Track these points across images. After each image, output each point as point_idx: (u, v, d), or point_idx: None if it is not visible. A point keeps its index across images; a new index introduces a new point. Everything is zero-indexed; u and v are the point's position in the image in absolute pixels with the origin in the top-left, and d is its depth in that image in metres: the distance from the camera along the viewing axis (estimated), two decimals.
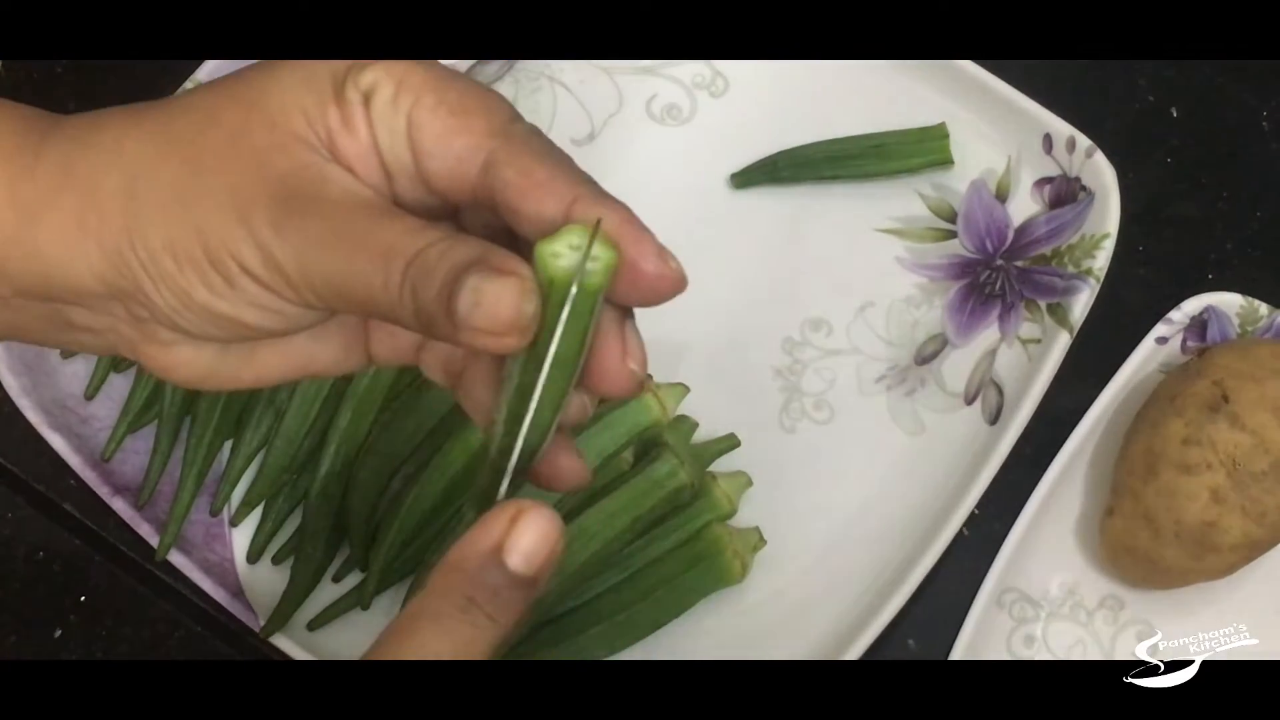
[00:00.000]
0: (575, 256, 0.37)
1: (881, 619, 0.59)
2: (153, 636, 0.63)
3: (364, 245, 0.37)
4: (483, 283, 0.35)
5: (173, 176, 0.38)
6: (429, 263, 0.36)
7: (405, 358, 0.43)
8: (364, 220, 0.37)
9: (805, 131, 0.70)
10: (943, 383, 0.66)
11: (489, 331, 0.36)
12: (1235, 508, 0.57)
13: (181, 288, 0.38)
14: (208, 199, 0.38)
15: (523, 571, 0.39)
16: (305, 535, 0.63)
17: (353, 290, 0.37)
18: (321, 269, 0.37)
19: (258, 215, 0.37)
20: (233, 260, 0.37)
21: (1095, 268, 0.64)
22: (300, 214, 0.37)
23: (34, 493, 0.65)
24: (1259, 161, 0.71)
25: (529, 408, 0.38)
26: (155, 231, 0.38)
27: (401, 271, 0.36)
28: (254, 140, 0.38)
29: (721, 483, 0.62)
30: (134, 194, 0.38)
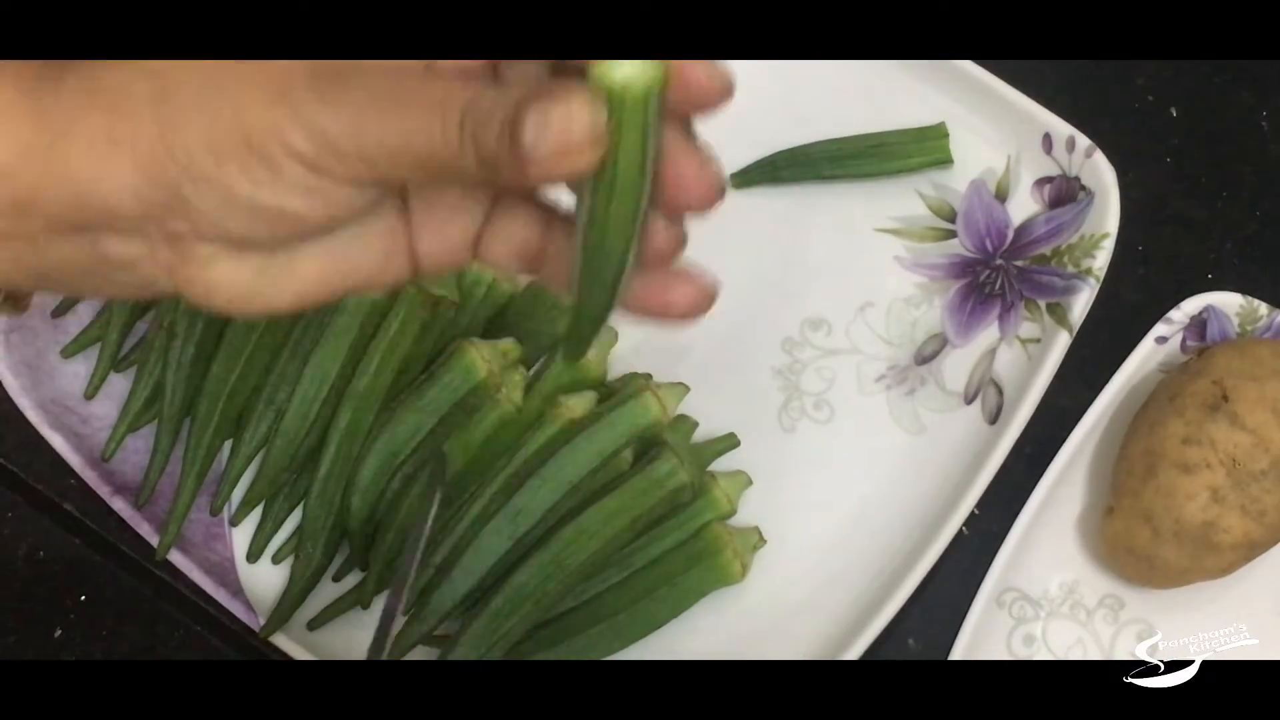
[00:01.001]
0: (627, 67, 0.38)
1: (881, 618, 0.59)
2: (153, 636, 0.63)
3: (415, 101, 0.37)
4: (546, 109, 0.36)
5: (203, 71, 0.37)
6: (485, 104, 0.36)
7: (457, 254, 0.41)
8: (409, 79, 0.37)
9: (805, 131, 0.70)
10: (942, 382, 0.66)
11: (561, 153, 0.36)
12: (1235, 507, 0.57)
13: (225, 185, 0.37)
14: (242, 85, 0.37)
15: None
16: (305, 535, 0.63)
17: (409, 148, 0.36)
18: (375, 133, 0.36)
19: (298, 90, 0.36)
20: (278, 143, 0.36)
21: (1095, 267, 0.64)
22: (343, 82, 0.37)
23: (34, 492, 0.65)
24: (1258, 161, 0.71)
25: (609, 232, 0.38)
26: (192, 129, 0.37)
27: (458, 120, 0.36)
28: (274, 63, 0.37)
29: (721, 482, 0.62)
30: (165, 95, 0.37)
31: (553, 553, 0.60)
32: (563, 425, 0.62)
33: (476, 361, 0.61)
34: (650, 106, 0.38)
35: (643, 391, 0.62)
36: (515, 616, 0.60)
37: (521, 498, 0.61)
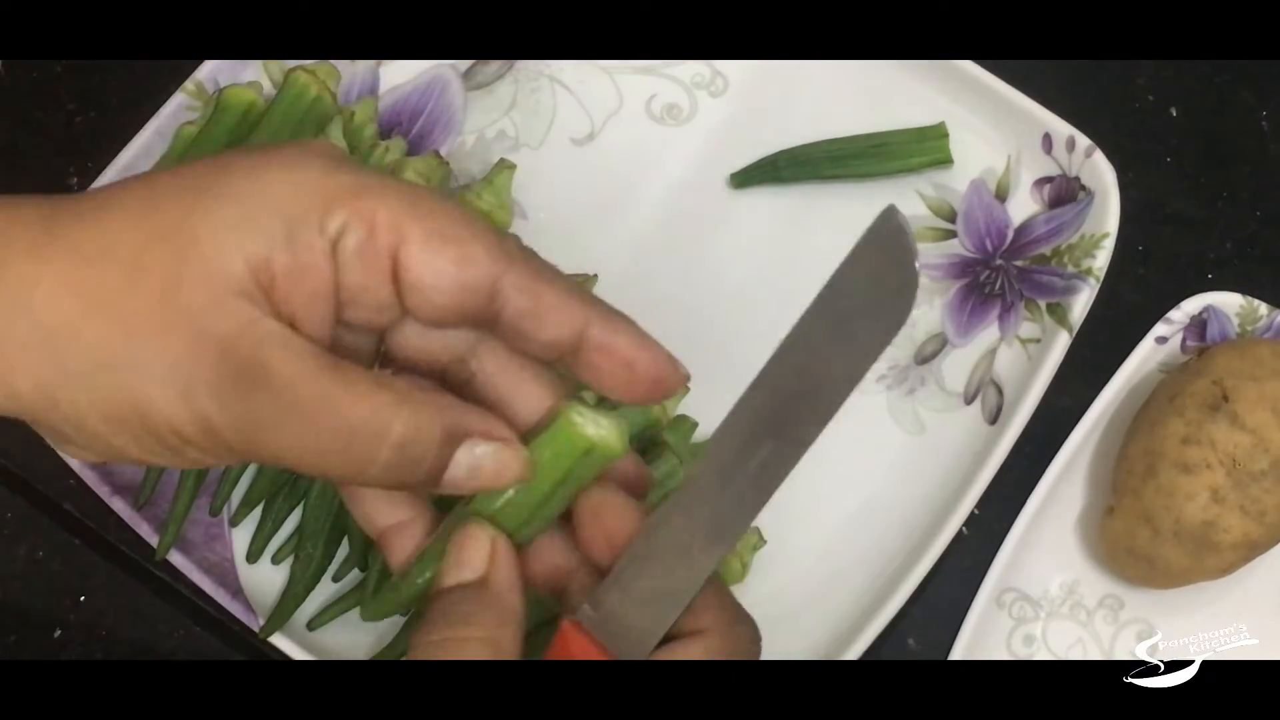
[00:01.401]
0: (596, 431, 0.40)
1: (881, 618, 0.59)
2: (152, 636, 0.63)
3: (323, 424, 0.35)
4: (479, 453, 0.37)
5: (98, 340, 0.35)
6: (415, 447, 0.36)
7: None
8: (316, 390, 0.35)
9: (805, 131, 0.70)
10: (942, 382, 0.66)
11: (483, 489, 0.39)
12: (1235, 507, 0.57)
13: (112, 445, 0.36)
14: (143, 370, 0.35)
15: (468, 578, 0.39)
16: (305, 535, 0.62)
17: (314, 465, 0.36)
18: (276, 446, 0.35)
19: (200, 391, 0.35)
20: (173, 432, 0.35)
21: (1095, 267, 0.64)
22: (247, 389, 0.35)
23: (34, 493, 0.65)
24: (1258, 161, 0.71)
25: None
26: (82, 395, 0.35)
27: (373, 449, 0.36)
28: (188, 299, 0.35)
29: None
30: (54, 353, 0.35)
31: None
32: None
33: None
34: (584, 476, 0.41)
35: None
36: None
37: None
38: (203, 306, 0.35)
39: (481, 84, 0.71)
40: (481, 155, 0.70)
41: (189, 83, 0.67)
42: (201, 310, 0.35)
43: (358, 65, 0.70)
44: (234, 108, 0.66)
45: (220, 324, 0.35)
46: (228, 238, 0.35)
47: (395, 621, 0.62)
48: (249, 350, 0.35)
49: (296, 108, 0.65)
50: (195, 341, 0.35)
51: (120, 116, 0.69)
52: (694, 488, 0.39)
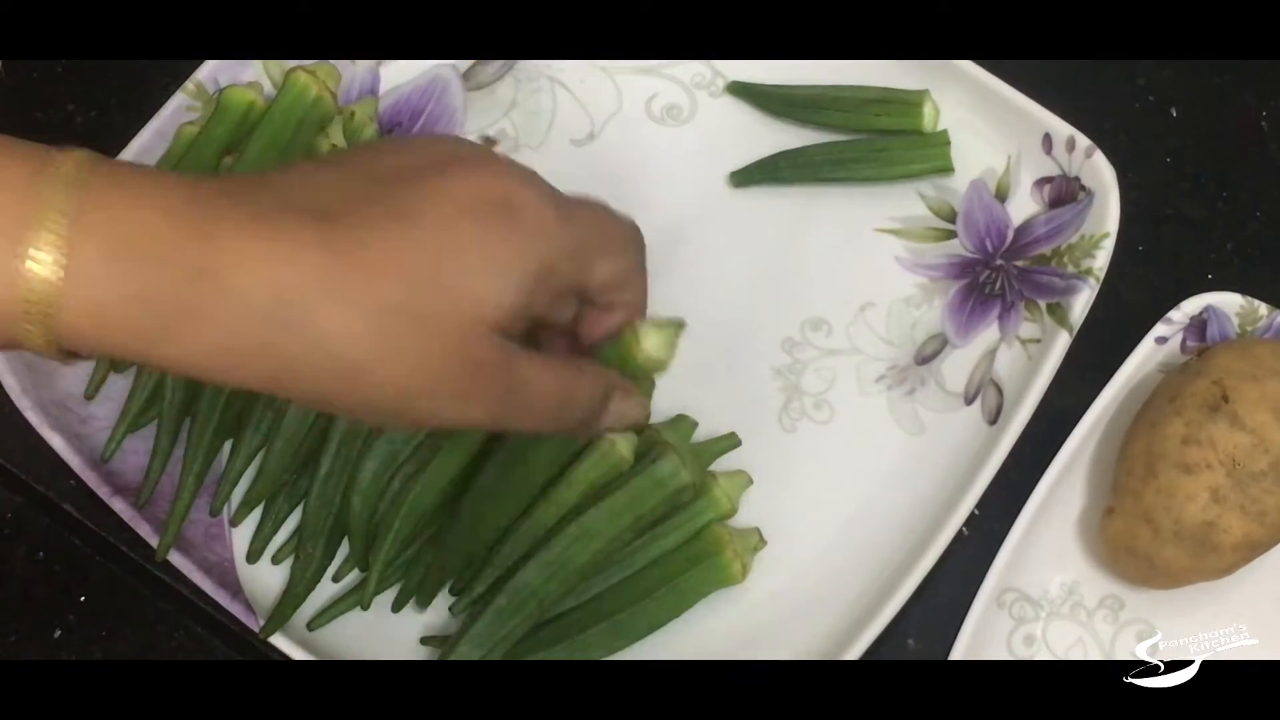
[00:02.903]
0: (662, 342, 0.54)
1: (881, 618, 0.59)
2: (152, 637, 0.63)
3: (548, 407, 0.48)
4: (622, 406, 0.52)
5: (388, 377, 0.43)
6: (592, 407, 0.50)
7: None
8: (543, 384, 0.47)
9: (805, 132, 0.70)
10: (943, 382, 0.66)
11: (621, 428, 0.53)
12: (1235, 507, 0.57)
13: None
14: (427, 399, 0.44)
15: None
16: (305, 535, 0.63)
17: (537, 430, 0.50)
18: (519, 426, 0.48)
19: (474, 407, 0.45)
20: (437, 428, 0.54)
21: (1095, 267, 0.64)
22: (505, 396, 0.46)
23: (34, 493, 0.65)
24: (1259, 161, 0.71)
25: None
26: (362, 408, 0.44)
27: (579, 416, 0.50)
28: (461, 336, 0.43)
29: (722, 482, 0.62)
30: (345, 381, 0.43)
31: (555, 552, 0.60)
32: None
33: None
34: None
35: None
36: (517, 616, 0.60)
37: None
38: (479, 347, 0.44)
39: (481, 84, 0.71)
40: None
41: (189, 83, 0.67)
42: (479, 350, 0.44)
43: (358, 65, 0.70)
44: (234, 108, 0.66)
45: (489, 358, 0.44)
46: (500, 303, 0.44)
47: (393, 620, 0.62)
48: (504, 370, 0.45)
49: (297, 108, 0.65)
50: (474, 372, 0.44)
51: (120, 116, 0.69)
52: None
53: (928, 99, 0.68)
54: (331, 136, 0.66)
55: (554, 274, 0.46)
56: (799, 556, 0.63)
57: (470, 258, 0.43)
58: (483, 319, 0.43)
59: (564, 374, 0.48)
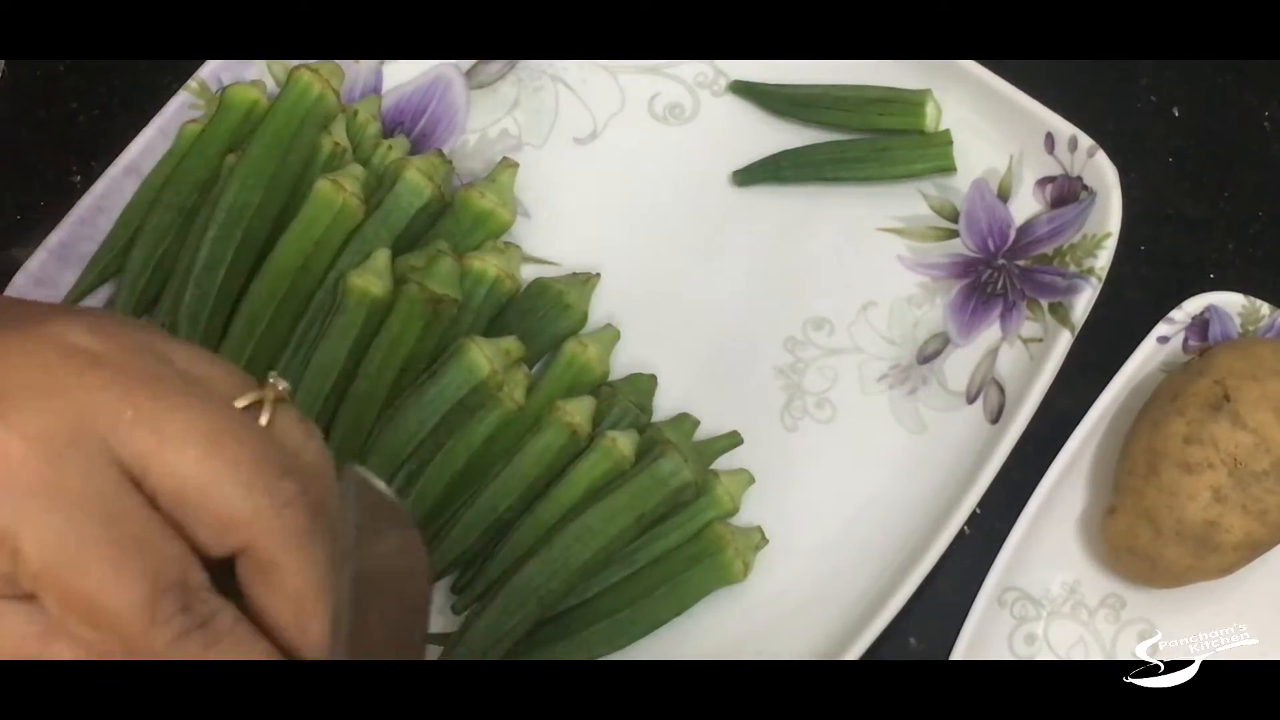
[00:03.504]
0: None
1: (883, 618, 0.59)
2: None
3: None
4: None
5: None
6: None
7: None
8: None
9: (807, 131, 0.70)
10: (944, 382, 0.66)
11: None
12: (1237, 507, 0.57)
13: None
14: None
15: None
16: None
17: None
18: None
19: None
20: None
21: (1097, 267, 0.64)
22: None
23: None
24: (1260, 161, 0.71)
25: None
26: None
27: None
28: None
29: (724, 480, 0.62)
30: None
31: (557, 550, 0.60)
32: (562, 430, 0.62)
33: (479, 360, 0.61)
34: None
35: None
36: (518, 615, 0.60)
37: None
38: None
39: (484, 83, 0.71)
40: (484, 154, 0.70)
41: (192, 81, 0.67)
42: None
43: (360, 64, 0.70)
44: (237, 107, 0.66)
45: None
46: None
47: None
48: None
49: (299, 106, 0.65)
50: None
51: (123, 115, 0.69)
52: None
53: (930, 98, 0.68)
54: (334, 135, 0.66)
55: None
56: (800, 555, 0.63)
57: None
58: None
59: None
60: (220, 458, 0.36)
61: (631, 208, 0.69)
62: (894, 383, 0.66)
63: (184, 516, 0.37)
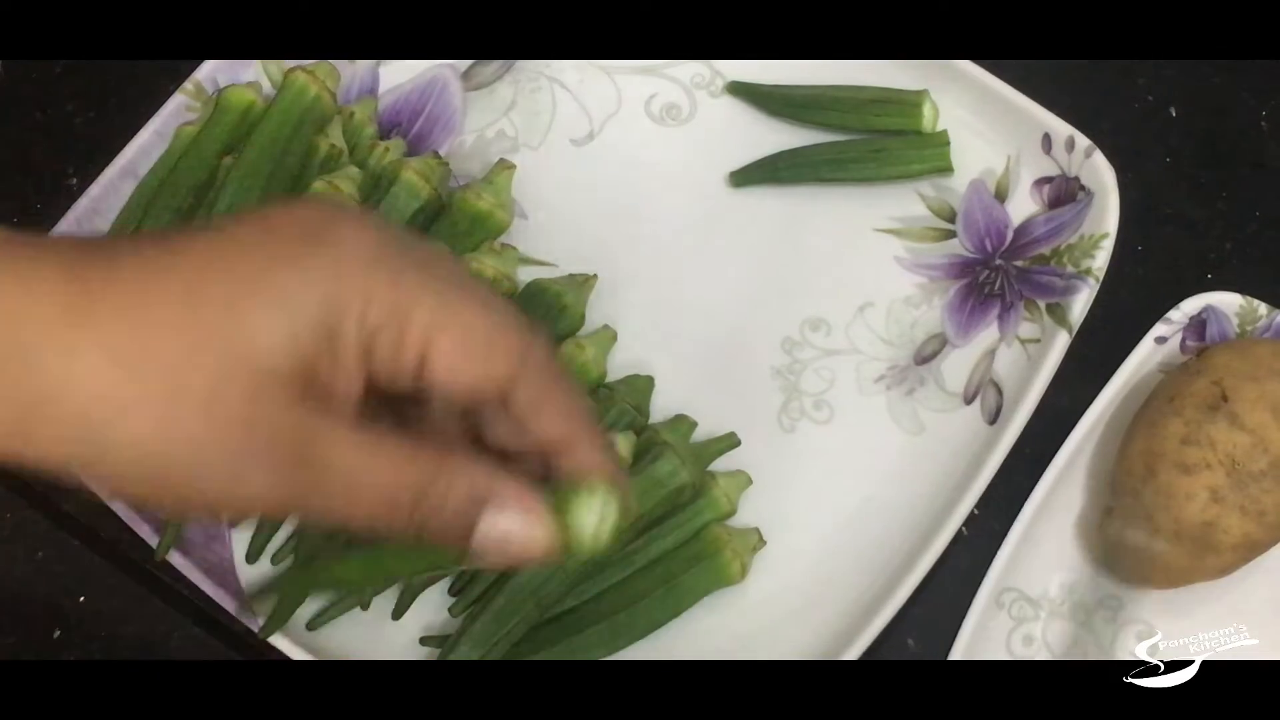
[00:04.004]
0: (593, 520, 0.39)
1: (881, 619, 0.59)
2: (152, 637, 0.63)
3: (359, 492, 0.37)
4: (500, 519, 0.38)
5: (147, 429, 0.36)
6: (438, 492, 0.38)
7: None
8: (353, 463, 0.37)
9: (804, 131, 0.70)
10: (942, 382, 0.66)
11: (510, 558, 0.38)
12: (1234, 507, 0.57)
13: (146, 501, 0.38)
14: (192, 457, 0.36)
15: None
16: (304, 536, 0.62)
17: (353, 526, 0.38)
18: (320, 512, 0.37)
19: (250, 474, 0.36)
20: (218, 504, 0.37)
21: (1094, 267, 0.64)
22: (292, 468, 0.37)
23: (33, 493, 0.65)
24: (1258, 161, 0.71)
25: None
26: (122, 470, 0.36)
27: (409, 505, 0.37)
28: (238, 390, 0.36)
29: (721, 482, 0.62)
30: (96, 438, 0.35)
31: None
32: None
33: None
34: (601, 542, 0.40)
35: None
36: (516, 616, 0.60)
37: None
38: (251, 397, 0.36)
39: (481, 84, 0.71)
40: (481, 155, 0.70)
41: (188, 83, 0.67)
42: (250, 400, 0.36)
43: (357, 65, 0.70)
44: (233, 108, 0.66)
45: (267, 414, 0.36)
46: (276, 340, 0.36)
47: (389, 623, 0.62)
48: (293, 434, 0.36)
49: (296, 108, 0.65)
50: (245, 430, 0.36)
51: (120, 116, 0.69)
52: None
53: (927, 99, 0.68)
54: (330, 136, 0.66)
55: (357, 321, 0.37)
56: (798, 556, 0.63)
57: (240, 285, 0.36)
58: (253, 363, 0.35)
59: (400, 462, 0.38)
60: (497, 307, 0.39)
61: (628, 209, 0.69)
62: (892, 383, 0.66)
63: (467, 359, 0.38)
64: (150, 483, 0.36)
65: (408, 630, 0.62)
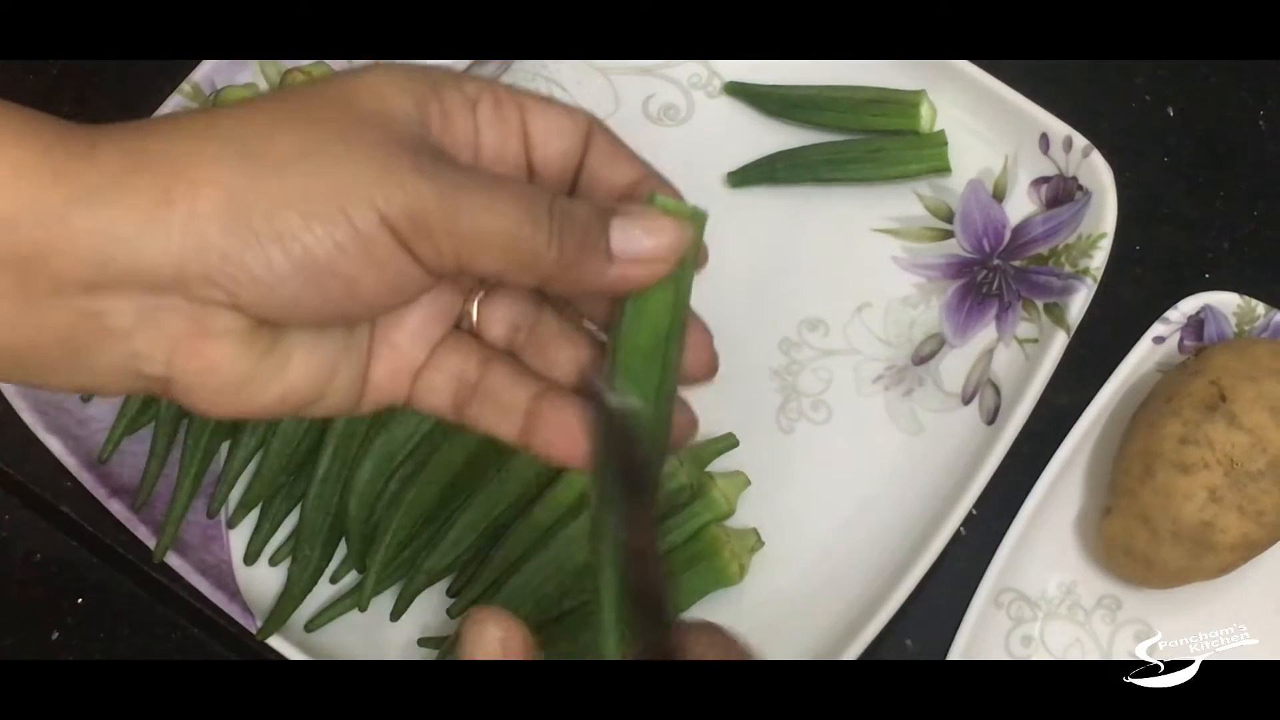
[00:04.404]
0: (691, 205, 0.42)
1: (879, 619, 0.59)
2: (150, 638, 0.63)
3: (508, 188, 0.39)
4: (635, 218, 0.41)
5: (296, 139, 0.37)
6: (571, 205, 0.40)
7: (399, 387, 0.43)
8: (499, 177, 0.39)
9: (802, 132, 0.70)
10: (940, 382, 0.66)
11: (645, 260, 0.41)
12: (1233, 507, 0.57)
13: (304, 245, 0.36)
14: (342, 153, 0.37)
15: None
16: (302, 537, 0.62)
17: (499, 231, 0.38)
18: (470, 211, 0.38)
19: (403, 162, 0.37)
20: (374, 210, 0.37)
21: (1092, 267, 0.64)
22: (441, 163, 0.38)
23: (31, 494, 0.65)
24: (1256, 161, 0.71)
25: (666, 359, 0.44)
26: (279, 186, 0.37)
27: (548, 209, 0.39)
28: (370, 116, 0.38)
29: (720, 483, 0.62)
30: (246, 155, 0.37)
31: (552, 553, 0.60)
32: None
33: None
34: (697, 245, 0.43)
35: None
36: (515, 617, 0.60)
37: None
38: (384, 120, 0.38)
39: None
40: None
41: (185, 84, 0.67)
42: (385, 122, 0.38)
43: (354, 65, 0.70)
44: None
45: (404, 128, 0.38)
46: (386, 90, 0.39)
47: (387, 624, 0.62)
48: (431, 146, 0.39)
49: None
50: (386, 135, 0.38)
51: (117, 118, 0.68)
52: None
53: (924, 99, 0.68)
54: None
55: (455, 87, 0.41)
56: (797, 557, 0.63)
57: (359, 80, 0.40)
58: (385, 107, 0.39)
59: (526, 183, 0.42)
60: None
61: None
62: (890, 384, 0.66)
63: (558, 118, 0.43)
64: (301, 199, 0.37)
65: (406, 631, 0.62)
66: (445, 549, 0.62)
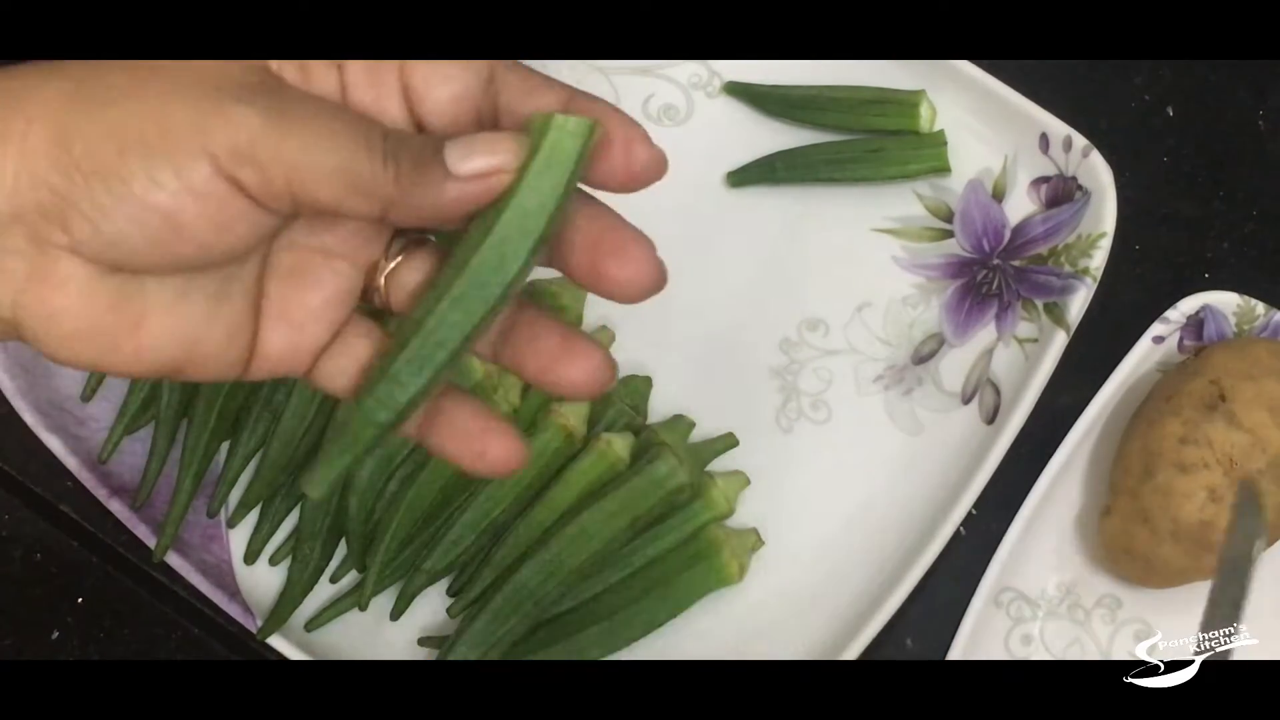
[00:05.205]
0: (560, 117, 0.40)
1: (879, 619, 0.59)
2: (150, 638, 0.63)
3: (340, 115, 0.38)
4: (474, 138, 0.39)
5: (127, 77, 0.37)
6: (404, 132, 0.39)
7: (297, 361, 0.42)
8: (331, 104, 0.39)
9: (802, 132, 0.70)
10: (940, 382, 0.66)
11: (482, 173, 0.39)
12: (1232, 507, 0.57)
13: (121, 179, 0.36)
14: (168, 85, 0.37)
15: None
16: (302, 536, 0.62)
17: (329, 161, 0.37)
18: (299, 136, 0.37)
19: (226, 93, 0.36)
20: (193, 140, 0.36)
21: (1092, 267, 0.64)
22: (270, 91, 0.38)
23: (31, 494, 0.65)
24: (1255, 160, 0.71)
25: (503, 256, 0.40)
26: (99, 120, 0.36)
27: (382, 135, 0.38)
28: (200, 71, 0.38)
29: (719, 482, 0.62)
30: (78, 93, 0.37)
31: (552, 552, 0.60)
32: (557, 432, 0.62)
33: (473, 362, 0.61)
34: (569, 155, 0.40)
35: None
36: (515, 616, 0.60)
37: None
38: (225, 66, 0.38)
39: None
40: None
41: None
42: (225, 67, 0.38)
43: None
44: None
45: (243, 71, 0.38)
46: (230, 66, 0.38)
47: (388, 623, 0.62)
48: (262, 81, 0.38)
49: None
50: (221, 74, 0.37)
51: None
52: None
53: (924, 99, 0.68)
54: None
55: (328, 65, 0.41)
56: (796, 557, 0.63)
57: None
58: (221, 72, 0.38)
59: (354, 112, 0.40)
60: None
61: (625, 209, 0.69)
62: (889, 383, 0.66)
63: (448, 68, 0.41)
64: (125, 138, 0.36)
65: (406, 631, 0.62)
66: (445, 549, 0.62)
